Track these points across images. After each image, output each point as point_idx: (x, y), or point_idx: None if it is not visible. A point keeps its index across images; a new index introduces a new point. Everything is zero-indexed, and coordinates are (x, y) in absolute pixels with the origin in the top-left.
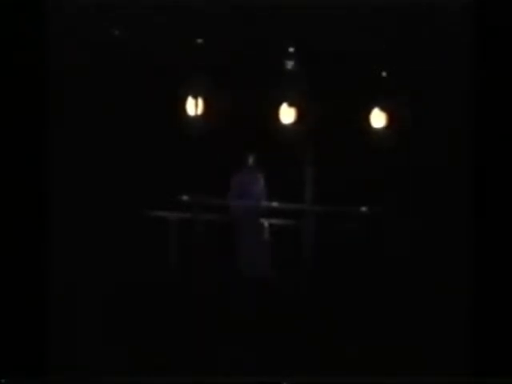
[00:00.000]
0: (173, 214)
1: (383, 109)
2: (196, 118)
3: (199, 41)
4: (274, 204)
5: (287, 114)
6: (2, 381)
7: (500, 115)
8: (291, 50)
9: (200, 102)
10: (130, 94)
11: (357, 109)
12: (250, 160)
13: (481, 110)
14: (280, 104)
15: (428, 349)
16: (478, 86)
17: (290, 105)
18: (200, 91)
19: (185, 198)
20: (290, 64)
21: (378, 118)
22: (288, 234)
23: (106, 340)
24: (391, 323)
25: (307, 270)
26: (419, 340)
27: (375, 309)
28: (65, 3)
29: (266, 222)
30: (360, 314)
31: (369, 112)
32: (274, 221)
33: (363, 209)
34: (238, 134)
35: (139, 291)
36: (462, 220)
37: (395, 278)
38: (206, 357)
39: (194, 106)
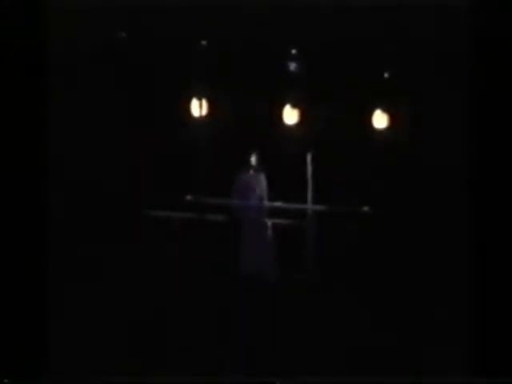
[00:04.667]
0: (177, 213)
1: (385, 110)
2: (200, 119)
3: (203, 42)
4: (277, 204)
5: (290, 115)
6: (5, 381)
7: (500, 115)
8: (294, 51)
9: (204, 103)
10: (135, 96)
11: (359, 110)
12: (254, 160)
13: (482, 111)
14: (283, 105)
15: (428, 349)
16: (478, 86)
17: (293, 106)
18: (204, 93)
19: (189, 197)
20: (292, 66)
21: (380, 119)
22: (290, 233)
23: (107, 340)
24: (391, 323)
25: (309, 268)
26: (419, 340)
27: (376, 308)
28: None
29: (269, 222)
30: (360, 313)
31: (371, 113)
32: (277, 220)
33: (365, 209)
34: (241, 135)
35: (141, 290)
36: (463, 221)
37: (395, 277)
38: (207, 356)
39: (198, 108)
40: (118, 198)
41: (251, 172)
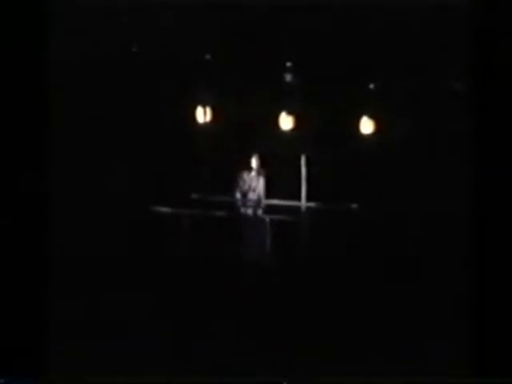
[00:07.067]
0: (184, 210)
1: (371, 117)
2: (206, 124)
3: (207, 57)
4: (275, 201)
5: (286, 122)
6: (2, 381)
7: (500, 115)
8: (289, 64)
9: (208, 110)
10: (136, 96)
11: (347, 116)
12: (254, 162)
13: (481, 111)
14: (279, 113)
15: (428, 349)
16: (478, 86)
17: (289, 113)
18: (210, 101)
19: (195, 195)
20: (288, 77)
21: (366, 125)
22: (286, 228)
23: (107, 340)
24: (391, 323)
25: (304, 261)
26: (420, 340)
27: (374, 307)
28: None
29: (267, 218)
30: (359, 312)
31: (358, 119)
32: (274, 216)
33: (353, 206)
34: (242, 139)
35: (141, 289)
36: (463, 221)
37: (394, 276)
38: (210, 355)
39: (203, 114)
40: (126, 197)
41: (252, 173)
